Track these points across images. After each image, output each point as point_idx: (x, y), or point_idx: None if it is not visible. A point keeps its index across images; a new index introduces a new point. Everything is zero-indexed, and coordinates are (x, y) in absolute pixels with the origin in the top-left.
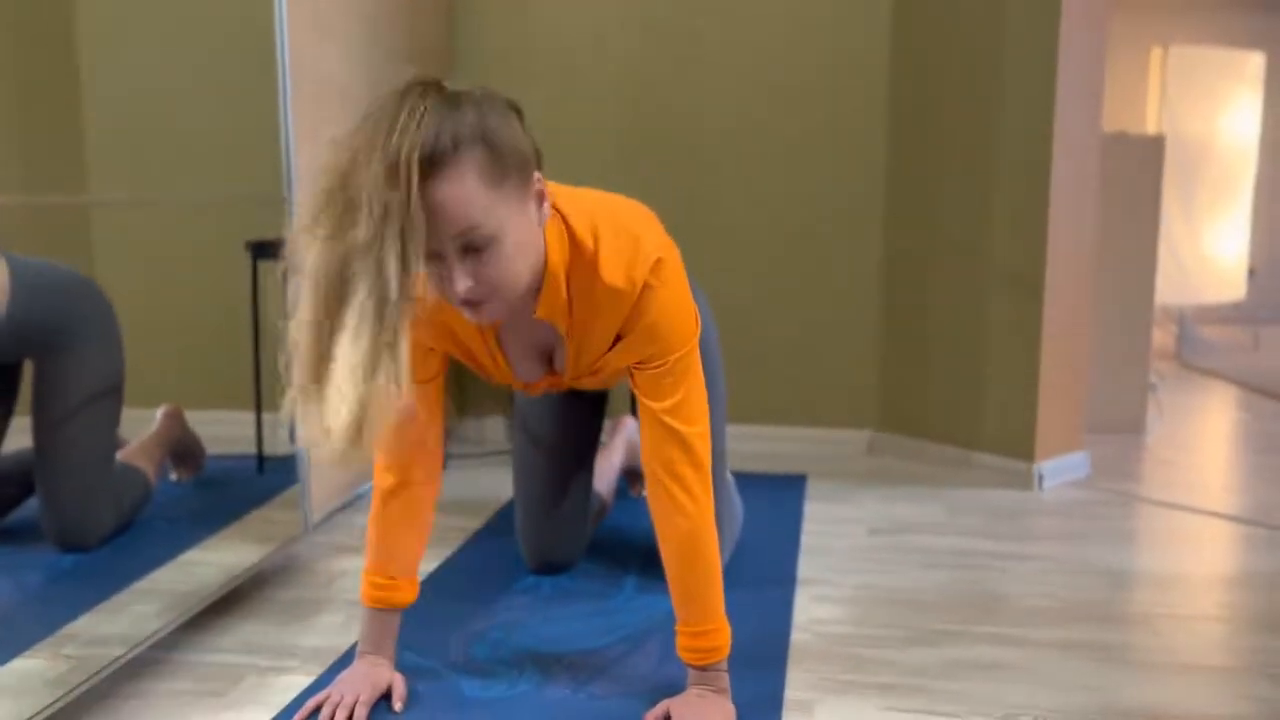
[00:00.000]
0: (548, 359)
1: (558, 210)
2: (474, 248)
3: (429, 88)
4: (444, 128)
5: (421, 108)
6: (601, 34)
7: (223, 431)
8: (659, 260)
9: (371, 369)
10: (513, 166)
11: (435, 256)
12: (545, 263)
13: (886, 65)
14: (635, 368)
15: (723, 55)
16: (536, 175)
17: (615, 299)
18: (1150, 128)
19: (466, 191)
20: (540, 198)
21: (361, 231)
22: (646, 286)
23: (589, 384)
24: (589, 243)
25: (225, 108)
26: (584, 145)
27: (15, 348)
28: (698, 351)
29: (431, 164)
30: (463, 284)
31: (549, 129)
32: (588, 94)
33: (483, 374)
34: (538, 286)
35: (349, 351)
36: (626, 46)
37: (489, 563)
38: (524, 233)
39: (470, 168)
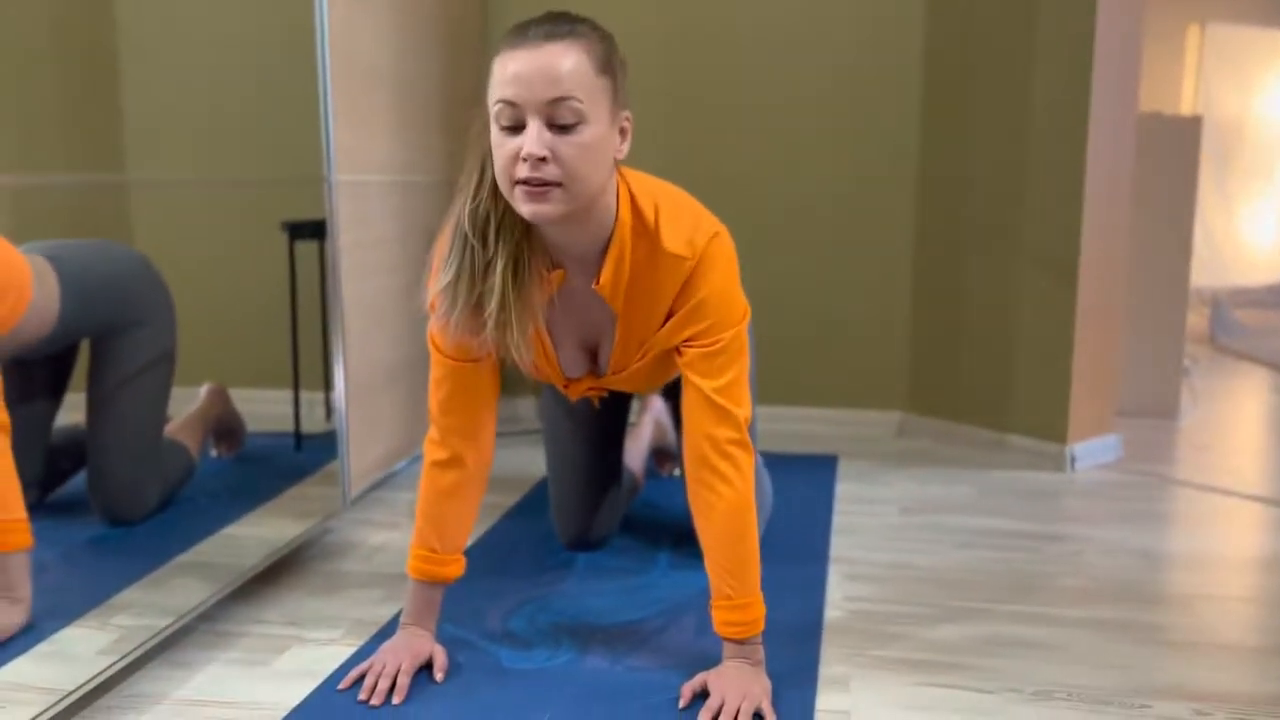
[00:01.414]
0: (592, 355)
1: (623, 178)
2: (560, 124)
3: None
4: (563, 19)
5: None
6: (634, 13)
7: (260, 409)
8: (717, 233)
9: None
10: (617, 73)
11: (516, 128)
12: (615, 219)
13: (920, 44)
14: (685, 345)
15: (754, 35)
16: (626, 113)
17: (675, 266)
18: (1185, 108)
19: (572, 62)
20: (624, 133)
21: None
22: (706, 254)
23: (627, 382)
24: (650, 213)
25: (263, 89)
26: None
27: (71, 340)
28: (747, 335)
29: (548, 35)
30: (539, 147)
31: None
32: None
33: (529, 368)
34: (603, 247)
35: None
36: (658, 24)
37: (523, 539)
38: (606, 140)
39: (582, 46)
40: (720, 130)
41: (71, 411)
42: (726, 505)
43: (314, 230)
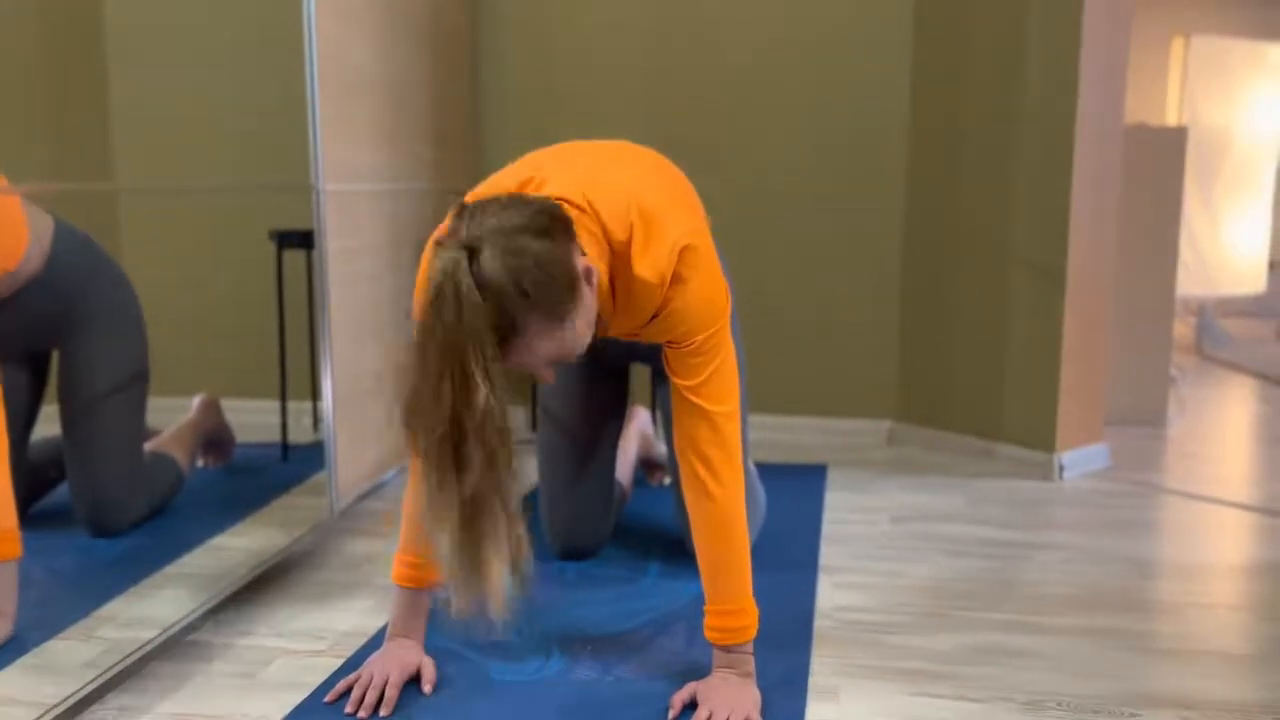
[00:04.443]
0: None
1: (592, 207)
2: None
3: (460, 280)
4: (501, 311)
5: (462, 304)
6: (622, 11)
7: (247, 419)
8: (685, 249)
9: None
10: (564, 293)
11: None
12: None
13: (910, 55)
14: (667, 345)
15: (742, 42)
16: (582, 264)
17: (647, 290)
18: (1170, 119)
19: (541, 348)
20: (588, 274)
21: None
22: (675, 278)
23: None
24: (622, 237)
25: (252, 97)
26: (604, 122)
27: (47, 307)
28: (728, 330)
29: (503, 345)
30: (549, 373)
31: (569, 107)
32: (608, 72)
33: None
34: None
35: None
36: (646, 23)
37: None
38: (588, 312)
39: (535, 333)
40: (708, 140)
41: (46, 423)
42: (707, 513)
43: (302, 239)
